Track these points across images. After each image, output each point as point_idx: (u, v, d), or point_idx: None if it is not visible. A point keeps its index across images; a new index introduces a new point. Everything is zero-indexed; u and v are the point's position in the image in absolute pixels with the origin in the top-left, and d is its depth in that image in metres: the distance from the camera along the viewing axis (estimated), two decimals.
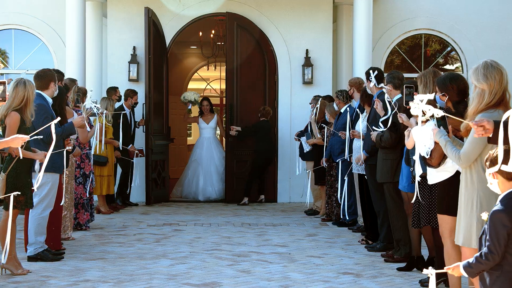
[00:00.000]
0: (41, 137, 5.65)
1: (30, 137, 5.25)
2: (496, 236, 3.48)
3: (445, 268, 3.69)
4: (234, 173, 12.71)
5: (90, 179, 9.30)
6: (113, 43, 12.77)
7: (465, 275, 3.61)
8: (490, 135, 4.13)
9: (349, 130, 8.65)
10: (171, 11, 12.86)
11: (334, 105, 10.03)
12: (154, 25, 12.40)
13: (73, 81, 9.08)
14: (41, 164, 6.61)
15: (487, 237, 3.53)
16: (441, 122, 4.73)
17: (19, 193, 5.47)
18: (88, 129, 8.56)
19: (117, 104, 11.34)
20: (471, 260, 3.58)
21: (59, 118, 4.95)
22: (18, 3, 13.46)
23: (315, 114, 10.56)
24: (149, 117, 12.07)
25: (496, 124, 4.13)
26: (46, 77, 7.19)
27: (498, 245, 3.48)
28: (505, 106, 4.55)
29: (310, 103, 11.38)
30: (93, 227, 9.47)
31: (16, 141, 5.12)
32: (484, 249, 3.54)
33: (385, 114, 7.05)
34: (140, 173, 12.01)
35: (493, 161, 3.64)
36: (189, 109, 13.82)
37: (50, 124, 4.79)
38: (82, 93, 8.65)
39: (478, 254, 3.58)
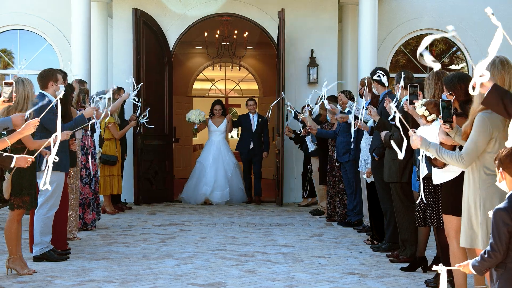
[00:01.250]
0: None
1: (40, 119, 5.23)
2: (498, 234, 3.50)
3: (456, 265, 3.71)
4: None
5: (96, 178, 9.35)
6: (118, 44, 12.79)
7: (474, 272, 3.63)
8: (484, 93, 4.12)
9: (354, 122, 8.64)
10: (175, 12, 12.87)
11: (338, 105, 10.02)
12: (147, 26, 12.43)
13: (82, 82, 9.12)
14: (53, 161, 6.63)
15: (490, 235, 3.55)
16: (447, 111, 4.73)
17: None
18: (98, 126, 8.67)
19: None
20: (478, 258, 3.60)
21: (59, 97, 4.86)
22: (24, 4, 13.49)
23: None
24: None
25: (497, 87, 4.11)
26: (47, 76, 7.20)
27: (500, 243, 3.50)
28: None
29: (316, 103, 11.39)
30: (98, 227, 9.48)
31: (28, 128, 5.09)
32: (487, 247, 3.56)
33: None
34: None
35: (502, 160, 3.63)
36: (195, 129, 13.10)
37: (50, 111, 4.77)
38: (85, 93, 8.62)
39: (483, 252, 3.60)
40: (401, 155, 4.66)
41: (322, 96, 9.74)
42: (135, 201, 12.16)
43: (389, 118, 7.09)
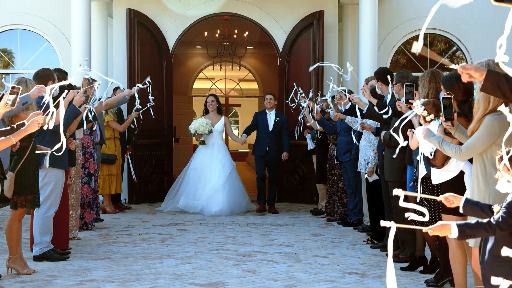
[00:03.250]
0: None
1: (45, 116, 5.16)
2: None
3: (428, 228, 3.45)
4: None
5: (95, 177, 9.35)
6: (118, 43, 12.77)
7: (454, 235, 3.34)
8: (480, 82, 4.06)
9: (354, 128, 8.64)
10: (175, 12, 12.86)
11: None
12: (143, 26, 12.43)
13: (90, 81, 9.13)
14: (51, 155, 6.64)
15: (504, 216, 3.39)
16: (448, 109, 4.74)
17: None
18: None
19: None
20: (472, 222, 3.39)
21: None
22: (24, 4, 13.49)
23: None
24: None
25: (491, 73, 4.06)
26: (44, 76, 7.17)
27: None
28: None
29: (318, 104, 11.38)
30: (98, 226, 9.48)
31: (33, 125, 5.03)
32: (496, 217, 3.39)
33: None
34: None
35: None
36: (202, 140, 11.47)
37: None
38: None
39: (485, 221, 3.40)
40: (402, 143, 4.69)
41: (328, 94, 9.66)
42: (129, 200, 12.15)
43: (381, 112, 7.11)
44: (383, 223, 3.16)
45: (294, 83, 11.45)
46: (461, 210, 3.68)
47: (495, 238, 3.52)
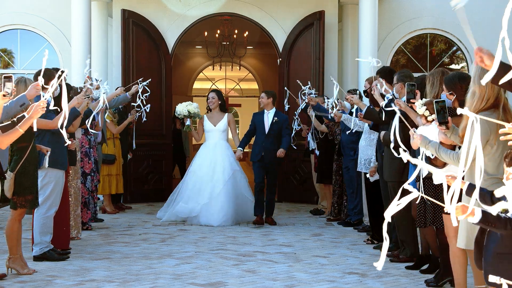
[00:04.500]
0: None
1: (48, 102, 5.12)
2: None
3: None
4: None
5: (91, 177, 9.33)
6: (118, 44, 12.76)
7: (475, 219, 3.28)
8: (490, 71, 3.97)
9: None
10: (175, 12, 12.86)
11: (346, 104, 9.88)
12: (139, 26, 12.43)
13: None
14: (49, 157, 6.63)
15: None
16: (441, 114, 4.72)
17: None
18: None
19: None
20: (494, 213, 3.34)
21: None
22: (24, 4, 13.49)
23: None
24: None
25: (504, 65, 3.99)
26: (44, 76, 7.15)
27: None
28: (504, 109, 4.51)
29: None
30: (98, 226, 9.48)
31: (36, 111, 4.97)
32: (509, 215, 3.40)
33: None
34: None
35: None
36: (187, 125, 10.54)
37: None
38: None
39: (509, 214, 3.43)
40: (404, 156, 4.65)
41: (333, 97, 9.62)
42: (124, 200, 12.11)
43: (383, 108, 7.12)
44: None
45: (286, 88, 11.49)
46: (463, 193, 3.71)
47: (501, 235, 3.52)
